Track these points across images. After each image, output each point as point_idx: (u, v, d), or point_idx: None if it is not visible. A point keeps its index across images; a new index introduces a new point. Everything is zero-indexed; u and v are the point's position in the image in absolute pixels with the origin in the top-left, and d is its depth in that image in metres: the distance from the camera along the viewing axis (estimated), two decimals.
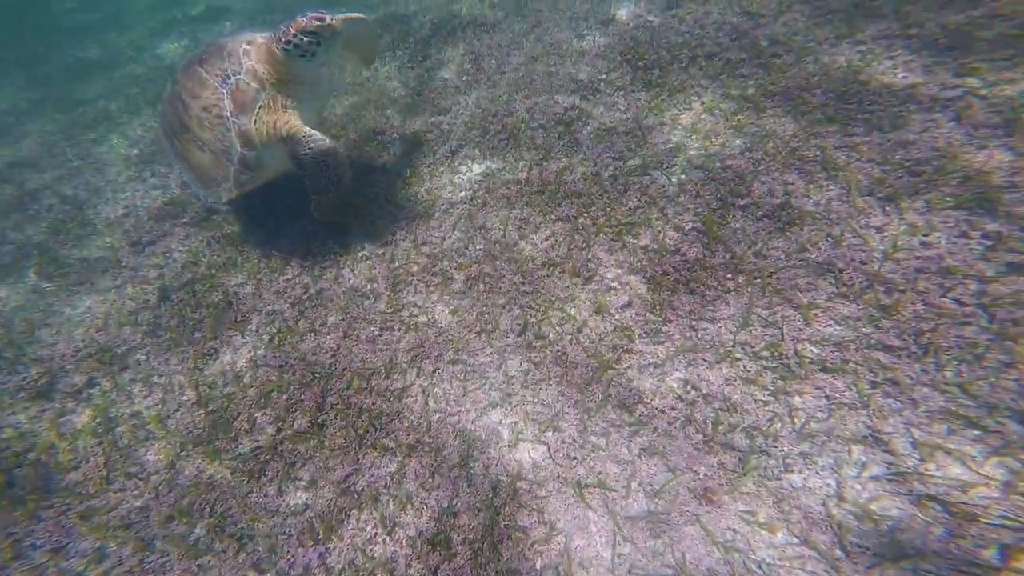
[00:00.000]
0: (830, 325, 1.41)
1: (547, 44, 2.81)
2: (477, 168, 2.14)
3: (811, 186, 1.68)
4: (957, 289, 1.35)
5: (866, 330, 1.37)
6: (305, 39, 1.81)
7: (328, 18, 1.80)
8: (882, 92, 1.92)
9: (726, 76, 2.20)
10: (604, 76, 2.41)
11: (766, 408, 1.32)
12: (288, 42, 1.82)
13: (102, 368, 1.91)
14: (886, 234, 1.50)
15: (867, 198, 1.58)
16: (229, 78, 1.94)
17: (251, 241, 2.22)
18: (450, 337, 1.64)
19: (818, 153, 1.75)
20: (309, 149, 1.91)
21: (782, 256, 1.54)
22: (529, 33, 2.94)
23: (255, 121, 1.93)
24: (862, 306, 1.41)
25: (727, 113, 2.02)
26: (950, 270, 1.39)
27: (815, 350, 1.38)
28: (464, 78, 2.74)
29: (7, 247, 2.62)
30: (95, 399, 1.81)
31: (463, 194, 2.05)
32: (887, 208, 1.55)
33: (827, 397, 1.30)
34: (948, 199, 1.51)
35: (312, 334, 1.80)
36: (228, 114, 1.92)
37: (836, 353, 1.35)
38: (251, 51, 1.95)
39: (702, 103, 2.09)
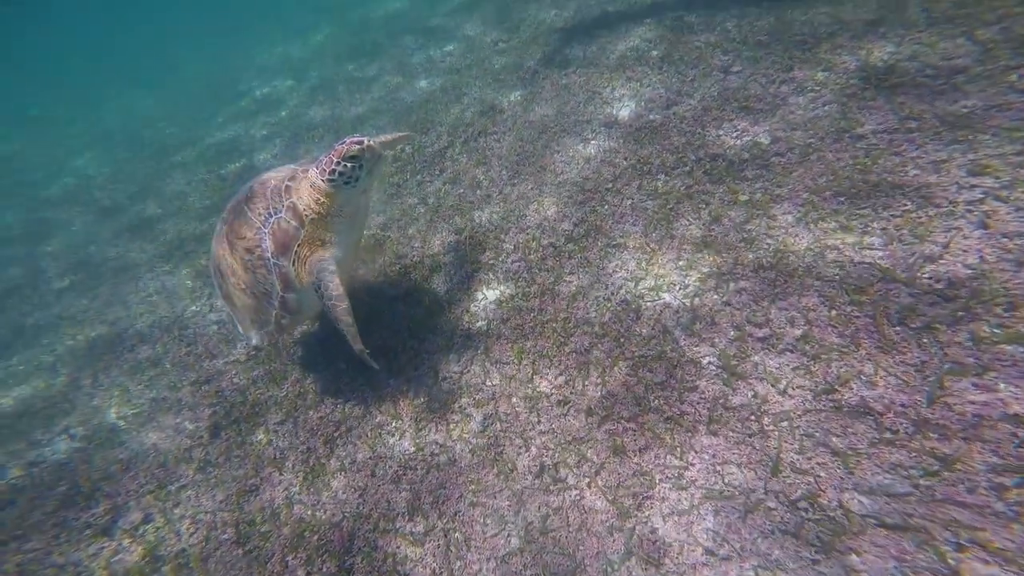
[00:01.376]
0: (878, 474, 1.34)
1: (554, 151, 3.05)
2: (492, 294, 2.31)
3: (833, 312, 1.67)
4: None
5: (925, 482, 1.29)
6: (348, 165, 1.84)
7: (366, 140, 1.85)
8: (894, 194, 1.94)
9: (731, 179, 2.30)
10: (610, 185, 2.57)
11: (816, 568, 1.24)
12: (332, 171, 1.85)
13: (157, 504, 2.12)
14: (927, 374, 1.45)
15: (897, 329, 1.55)
16: (271, 217, 1.99)
17: (289, 378, 2.44)
18: (470, 478, 1.70)
19: (837, 272, 1.76)
20: (314, 275, 1.93)
21: (809, 396, 1.51)
22: (537, 139, 3.21)
23: (294, 261, 1.97)
24: (913, 454, 1.34)
25: (737, 224, 2.09)
26: (1020, 418, 1.30)
27: (865, 501, 1.30)
28: (478, 192, 3.00)
29: (97, 388, 3.00)
30: (148, 535, 2.00)
31: (480, 324, 2.19)
32: (923, 341, 1.50)
33: (895, 559, 1.20)
34: (996, 332, 1.45)
35: (342, 472, 1.93)
36: (269, 255, 1.97)
37: (893, 506, 1.27)
38: (292, 187, 2.00)
39: (710, 213, 2.18)
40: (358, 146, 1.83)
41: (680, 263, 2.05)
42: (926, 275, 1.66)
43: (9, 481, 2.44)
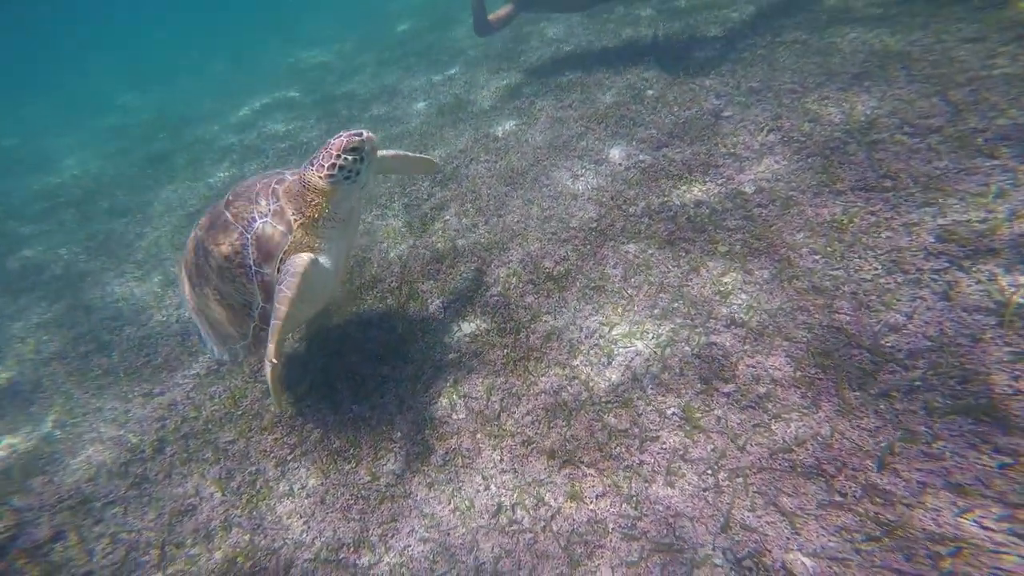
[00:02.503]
0: (824, 536, 1.42)
1: (543, 185, 3.19)
2: (467, 327, 2.38)
3: (798, 373, 1.77)
4: (976, 512, 1.34)
5: (867, 547, 1.37)
6: (349, 158, 1.79)
7: (365, 132, 1.83)
8: (867, 256, 2.05)
9: (713, 227, 2.43)
10: (594, 225, 2.69)
11: None
12: (332, 166, 1.79)
13: (73, 521, 2.10)
14: (880, 438, 1.54)
15: (856, 393, 1.65)
16: (255, 222, 1.90)
17: (248, 397, 2.48)
18: (424, 512, 1.75)
19: (806, 334, 1.87)
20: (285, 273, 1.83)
21: (766, 454, 1.60)
22: (527, 172, 3.36)
23: (278, 270, 1.87)
24: (859, 518, 1.42)
25: (714, 276, 2.20)
26: (964, 490, 1.39)
27: (808, 563, 1.38)
28: (463, 220, 3.12)
29: (38, 395, 3.01)
30: (52, 556, 1.97)
31: (452, 356, 2.26)
32: (880, 407, 1.61)
33: None
34: (948, 403, 1.55)
35: (290, 497, 1.97)
36: (251, 263, 1.88)
37: (833, 569, 1.35)
38: (279, 190, 1.93)
39: (690, 262, 2.29)
40: (358, 138, 1.80)
41: (655, 311, 2.15)
42: (889, 343, 1.78)
43: None
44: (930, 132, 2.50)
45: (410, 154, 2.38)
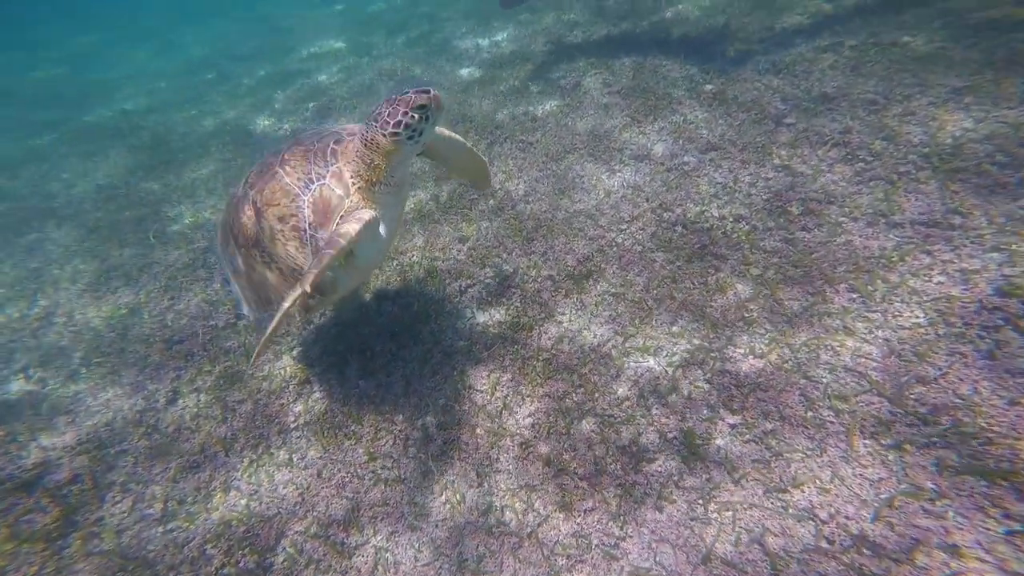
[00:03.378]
0: None
1: (577, 174, 3.14)
2: (481, 316, 2.44)
3: (809, 414, 1.76)
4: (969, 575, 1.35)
5: None
6: (415, 116, 1.77)
7: (432, 90, 1.80)
8: (911, 301, 1.97)
9: (749, 246, 2.36)
10: (625, 227, 2.66)
11: None
12: (399, 123, 1.77)
13: (89, 466, 2.30)
14: (882, 490, 1.54)
15: (867, 442, 1.63)
16: (312, 183, 1.89)
17: (263, 357, 2.62)
18: (415, 501, 1.88)
19: (825, 375, 1.84)
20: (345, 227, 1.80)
21: (761, 491, 1.62)
22: (563, 158, 3.31)
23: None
24: (842, 568, 1.45)
25: (741, 300, 2.16)
26: (960, 552, 1.39)
27: None
28: (490, 202, 3.13)
29: (70, 328, 3.27)
30: (70, 498, 2.17)
31: (462, 343, 2.34)
32: (888, 458, 1.59)
33: None
34: (965, 462, 1.52)
35: (288, 467, 2.12)
36: (306, 226, 1.87)
37: None
38: (338, 151, 1.92)
39: (717, 281, 2.25)
40: (426, 95, 1.77)
41: (674, 328, 2.14)
42: (913, 396, 1.73)
43: None
44: None
45: (466, 143, 2.24)
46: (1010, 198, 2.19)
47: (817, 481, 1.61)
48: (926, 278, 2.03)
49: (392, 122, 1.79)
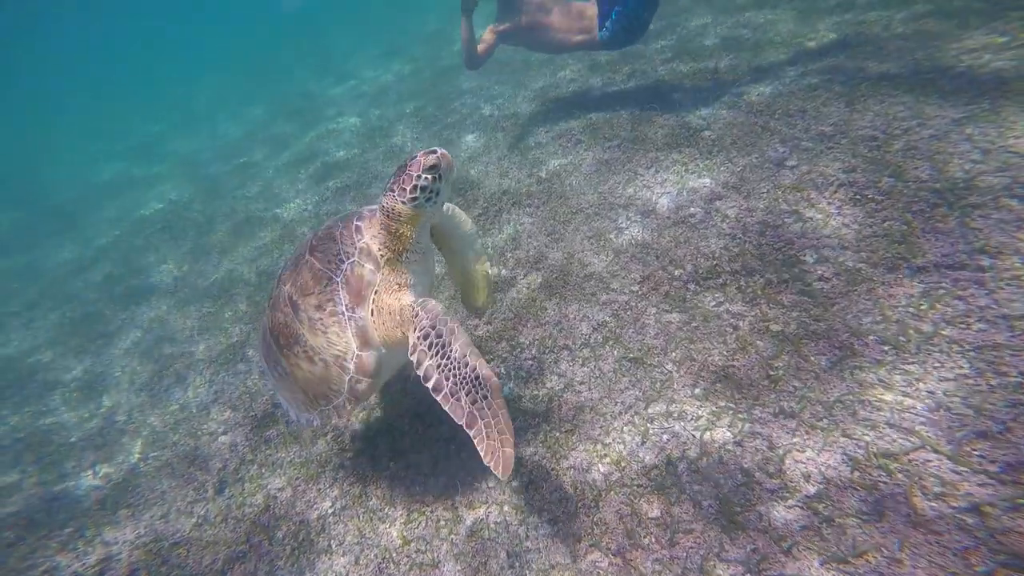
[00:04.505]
0: None
1: (585, 236, 3.28)
2: (504, 391, 2.47)
3: (856, 474, 1.70)
4: None
5: None
6: (429, 177, 1.83)
7: (439, 150, 1.88)
8: (951, 351, 1.92)
9: (766, 301, 2.38)
10: (636, 288, 2.73)
11: None
12: (414, 187, 1.83)
13: (145, 561, 2.44)
14: (973, 559, 1.44)
15: (932, 504, 1.56)
16: (343, 263, 1.92)
17: (299, 443, 2.76)
18: None
19: (867, 432, 1.79)
20: (416, 320, 1.79)
21: (815, 562, 1.54)
22: (570, 221, 3.46)
23: (372, 312, 1.90)
24: None
25: (764, 358, 2.16)
26: None
27: None
28: (502, 271, 3.28)
29: (130, 423, 3.55)
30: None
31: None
32: (968, 522, 1.50)
33: None
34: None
35: (327, 554, 2.16)
36: (344, 308, 1.89)
37: None
38: (362, 227, 1.97)
39: (737, 339, 2.27)
40: (434, 155, 1.84)
41: (696, 391, 2.14)
42: (976, 451, 1.66)
43: None
44: None
45: (469, 223, 2.27)
46: None
47: (883, 549, 1.53)
48: (963, 326, 1.99)
49: (408, 188, 1.85)
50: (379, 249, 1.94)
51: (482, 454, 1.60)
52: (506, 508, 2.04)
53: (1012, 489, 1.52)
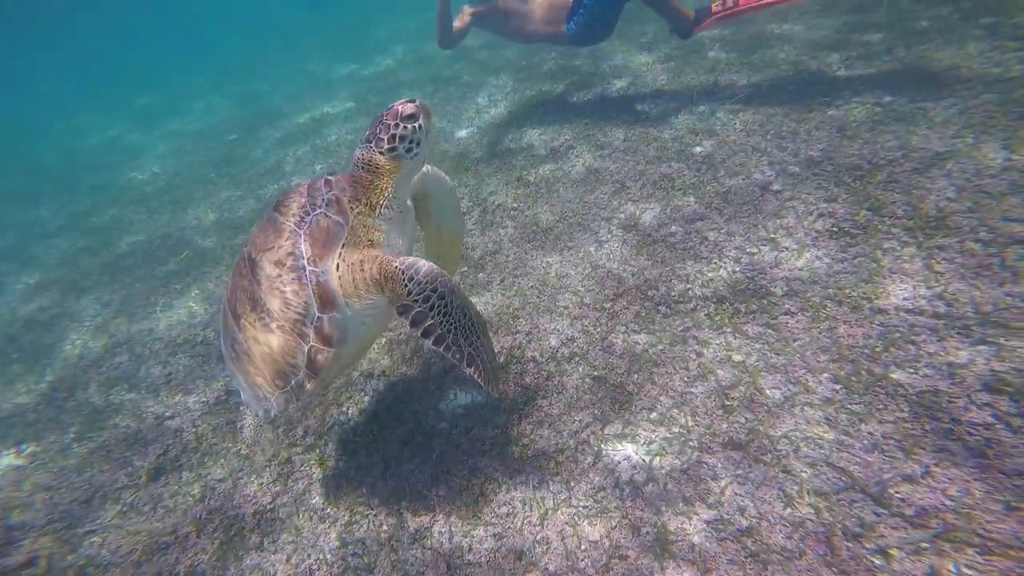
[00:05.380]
0: None
1: (566, 246, 3.35)
2: (463, 398, 2.57)
3: (787, 510, 1.80)
4: None
5: None
6: (408, 126, 1.77)
7: (417, 98, 1.83)
8: (896, 395, 2.02)
9: (732, 330, 2.47)
10: (609, 305, 2.81)
11: None
12: (392, 137, 1.76)
13: (51, 547, 2.44)
14: None
15: (849, 544, 1.68)
16: (308, 214, 1.82)
17: (248, 426, 2.79)
18: None
19: (806, 468, 1.90)
20: (410, 284, 1.68)
21: None
22: (553, 228, 3.53)
23: (338, 267, 1.79)
24: None
25: (722, 387, 2.26)
26: None
27: None
28: (480, 275, 3.33)
29: (71, 401, 3.56)
30: None
31: (443, 426, 2.47)
32: (875, 564, 1.62)
33: None
34: (964, 572, 1.55)
35: (259, 550, 2.23)
36: (304, 262, 1.76)
37: None
38: (332, 180, 1.91)
39: (699, 366, 2.36)
40: (412, 104, 1.78)
41: (653, 415, 2.24)
42: (898, 495, 1.78)
43: None
44: (1015, 243, 2.40)
45: (452, 185, 2.24)
46: (996, 283, 2.29)
47: None
48: (911, 370, 2.10)
49: (386, 137, 1.80)
50: (349, 202, 1.86)
51: (482, 384, 1.79)
52: (452, 518, 2.12)
53: (919, 532, 1.65)
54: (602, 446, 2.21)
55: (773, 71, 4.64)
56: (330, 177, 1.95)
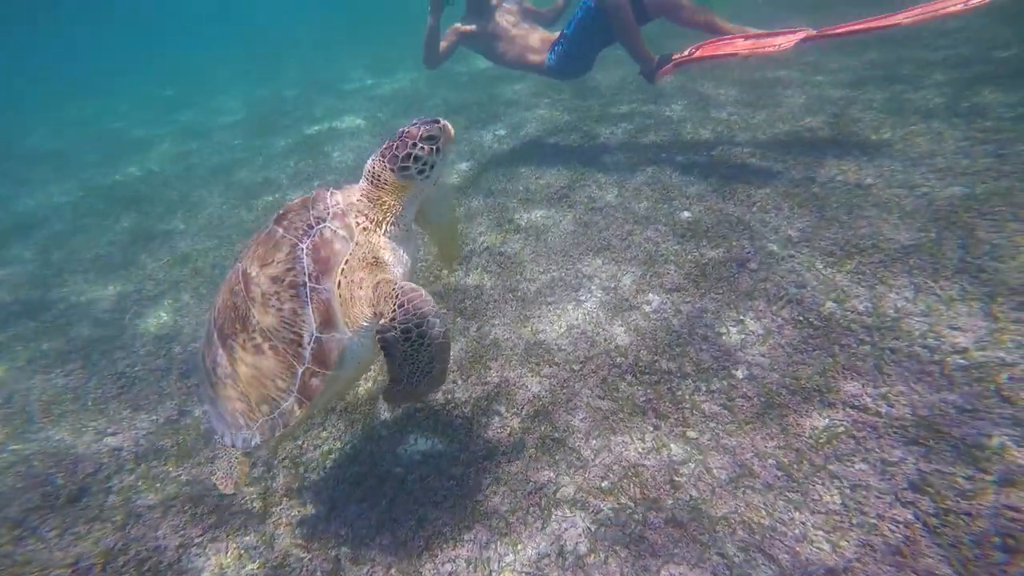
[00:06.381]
0: None
1: (546, 299, 3.59)
2: (422, 444, 2.75)
3: None
4: None
5: None
6: (425, 147, 1.80)
7: (441, 120, 1.85)
8: (826, 481, 2.23)
9: (690, 407, 2.70)
10: (578, 367, 3.03)
11: None
12: (407, 156, 1.79)
13: None
14: None
15: None
16: (311, 228, 1.82)
17: (193, 457, 2.82)
18: None
19: (738, 554, 2.10)
20: (398, 311, 1.67)
21: None
22: (537, 279, 3.78)
23: (339, 284, 1.78)
24: None
25: (674, 462, 2.46)
26: None
27: None
28: (457, 319, 3.56)
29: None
30: None
31: (398, 470, 2.63)
32: None
33: None
34: None
35: None
36: (305, 278, 1.74)
37: None
38: (338, 193, 1.94)
39: (655, 439, 2.57)
40: (435, 125, 1.81)
41: (604, 483, 2.44)
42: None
43: None
44: (955, 352, 2.68)
45: (454, 203, 2.49)
46: (933, 389, 2.56)
47: None
48: (848, 463, 2.35)
49: (400, 155, 1.82)
50: (356, 216, 1.88)
51: (388, 398, 1.87)
52: (392, 571, 2.23)
53: None
54: (553, 511, 2.39)
55: (772, 132, 5.05)
56: (335, 189, 1.97)
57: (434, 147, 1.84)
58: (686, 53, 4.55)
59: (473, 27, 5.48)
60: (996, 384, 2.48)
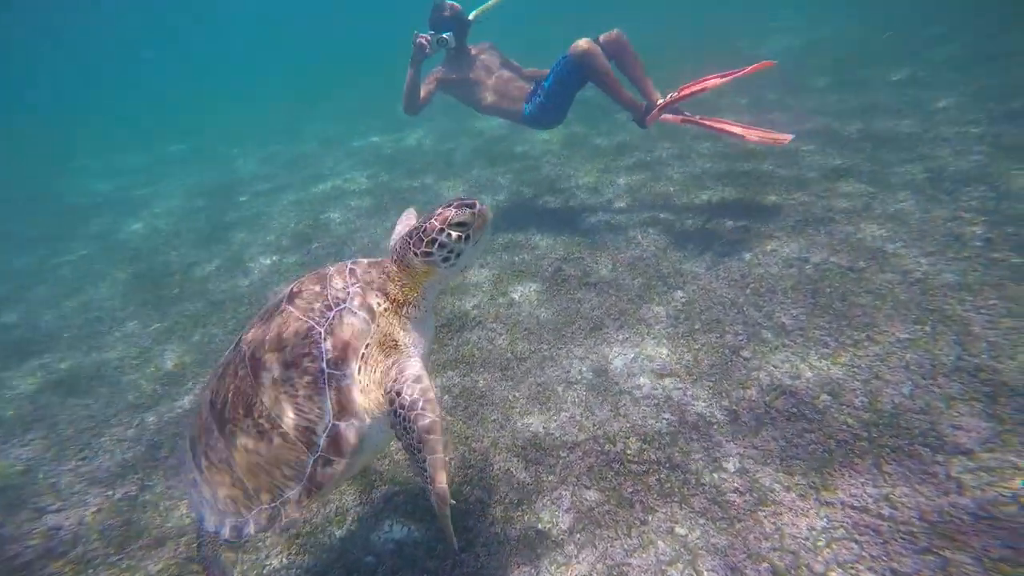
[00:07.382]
0: None
1: (536, 379, 3.70)
2: (397, 531, 2.72)
3: None
4: None
5: None
6: (453, 234, 1.76)
7: (478, 204, 1.80)
8: None
9: (680, 500, 2.71)
10: (564, 454, 3.07)
11: None
12: (433, 241, 1.77)
13: None
14: None
15: None
16: (330, 310, 1.79)
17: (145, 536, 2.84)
18: None
19: None
20: (396, 399, 1.66)
21: None
22: (528, 357, 3.91)
23: (360, 371, 1.76)
24: None
25: (661, 562, 2.44)
26: None
27: None
28: (445, 397, 3.64)
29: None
30: None
31: (369, 559, 2.58)
32: None
33: None
34: None
35: None
36: (324, 364, 1.71)
37: None
38: (358, 271, 1.91)
39: (641, 538, 2.55)
40: (469, 210, 1.76)
41: None
42: None
43: None
44: (960, 453, 2.72)
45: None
46: (940, 492, 2.58)
47: None
48: (852, 571, 2.33)
49: (426, 240, 1.79)
50: (376, 296, 1.87)
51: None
52: None
53: None
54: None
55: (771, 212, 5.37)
56: (354, 266, 1.95)
57: (464, 234, 1.80)
58: (667, 98, 5.16)
59: (454, 76, 6.01)
60: (1013, 491, 2.47)
